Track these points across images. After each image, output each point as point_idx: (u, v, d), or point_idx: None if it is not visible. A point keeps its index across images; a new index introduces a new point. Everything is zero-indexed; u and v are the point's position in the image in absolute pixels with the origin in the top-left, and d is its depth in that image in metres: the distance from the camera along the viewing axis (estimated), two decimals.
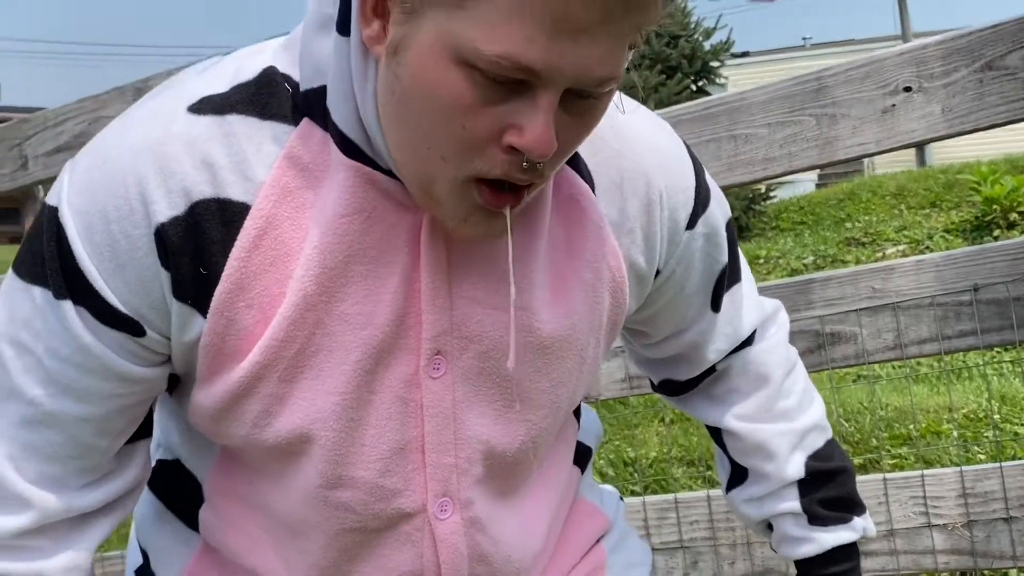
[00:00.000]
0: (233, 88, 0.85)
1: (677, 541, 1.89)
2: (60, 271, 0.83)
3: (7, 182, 2.41)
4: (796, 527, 1.11)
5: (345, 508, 0.90)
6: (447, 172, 0.78)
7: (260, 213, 0.83)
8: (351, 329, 0.85)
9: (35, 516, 0.87)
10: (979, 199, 7.90)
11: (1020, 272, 1.66)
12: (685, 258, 1.01)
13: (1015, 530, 1.68)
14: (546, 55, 0.71)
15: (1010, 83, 1.64)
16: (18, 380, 0.86)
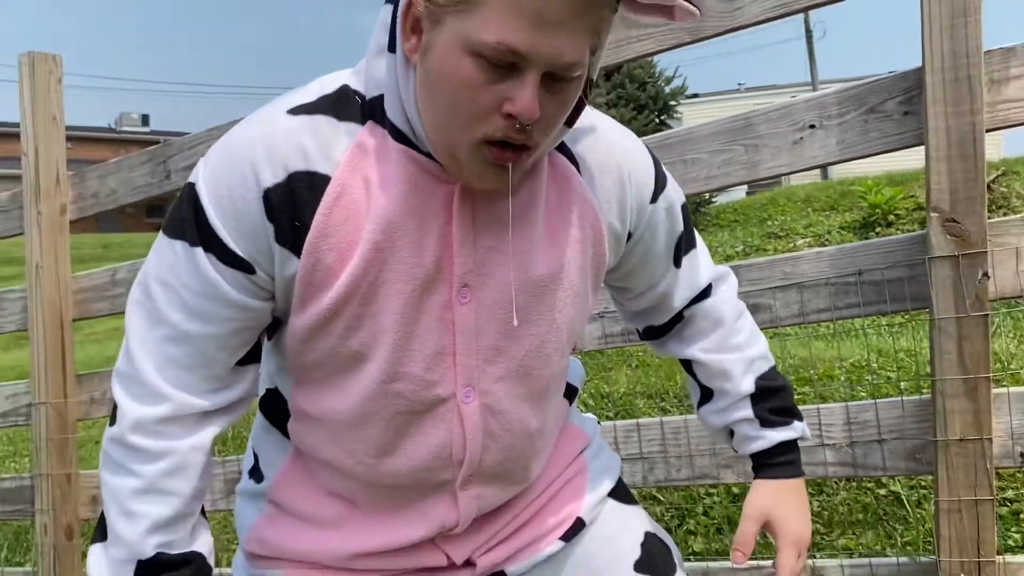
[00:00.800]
0: (319, 98, 0.87)
1: (638, 454, 1.88)
2: (195, 227, 0.85)
3: (156, 189, 2.42)
4: (751, 429, 1.08)
5: (399, 396, 0.91)
6: (464, 137, 0.80)
7: (338, 182, 0.85)
8: (406, 268, 0.86)
9: (171, 408, 0.88)
10: (866, 204, 7.84)
11: (892, 261, 1.67)
12: (651, 226, 1.01)
13: (885, 449, 1.68)
14: (530, 41, 0.75)
15: (887, 122, 1.66)
16: (163, 309, 0.87)
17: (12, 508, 2.65)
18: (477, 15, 0.75)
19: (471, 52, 0.76)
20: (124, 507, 0.89)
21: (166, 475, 0.89)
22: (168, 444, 0.89)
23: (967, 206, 1.55)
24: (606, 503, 1.10)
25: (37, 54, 2.51)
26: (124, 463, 0.89)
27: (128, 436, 0.89)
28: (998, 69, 1.57)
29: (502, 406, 0.94)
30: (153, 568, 0.89)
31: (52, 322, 2.50)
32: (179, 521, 0.90)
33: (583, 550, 1.06)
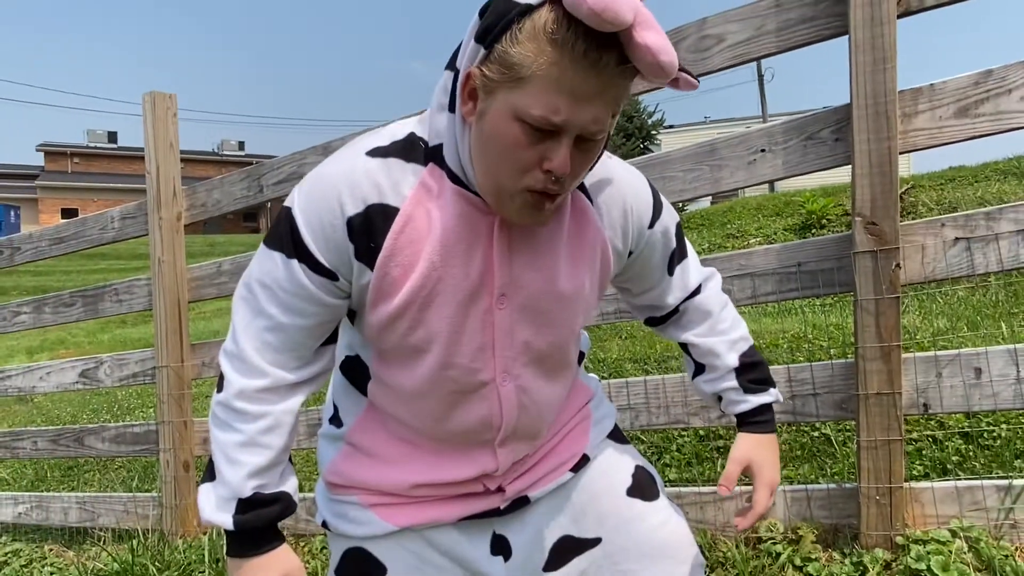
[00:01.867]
0: (391, 143, 0.87)
1: (626, 405, 1.89)
2: (292, 244, 0.86)
3: (251, 200, 2.45)
4: (736, 395, 1.08)
5: (451, 379, 0.92)
6: (510, 185, 0.80)
7: (404, 213, 0.85)
8: (456, 282, 0.87)
9: (268, 381, 0.90)
10: (804, 211, 7.80)
11: (824, 256, 1.67)
12: (648, 245, 1.00)
13: (818, 401, 1.69)
14: (566, 115, 0.75)
15: (822, 147, 1.66)
16: (263, 304, 0.89)
17: (141, 447, 2.69)
18: (524, 91, 0.75)
19: (518, 119, 0.76)
20: (229, 456, 0.90)
21: (263, 432, 0.90)
22: (265, 408, 0.90)
23: (884, 212, 1.55)
24: (606, 443, 1.10)
25: (157, 94, 2.53)
26: (230, 422, 0.91)
27: (234, 401, 0.90)
28: (908, 105, 1.57)
29: (530, 385, 0.96)
30: (250, 504, 0.91)
31: (171, 303, 2.54)
32: (272, 468, 0.92)
33: (587, 479, 1.07)
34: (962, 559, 1.50)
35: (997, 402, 1.55)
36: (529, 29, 0.74)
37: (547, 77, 0.74)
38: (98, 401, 5.27)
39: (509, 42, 0.74)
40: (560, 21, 0.72)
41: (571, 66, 0.73)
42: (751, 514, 1.03)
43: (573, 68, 0.73)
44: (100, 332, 10.11)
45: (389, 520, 0.99)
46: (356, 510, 1.01)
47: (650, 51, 0.72)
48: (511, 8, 0.75)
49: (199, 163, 33.54)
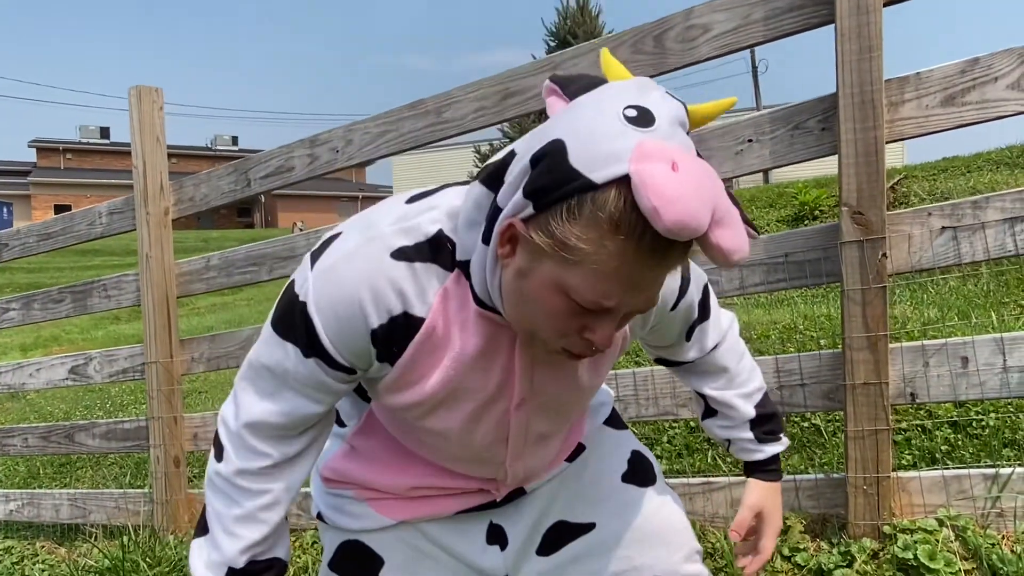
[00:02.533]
0: (417, 244, 0.80)
1: (616, 397, 1.88)
2: (308, 342, 0.82)
3: (239, 194, 2.43)
4: (751, 445, 1.07)
5: (459, 457, 0.93)
6: (544, 342, 0.76)
7: (429, 323, 0.81)
8: (472, 392, 0.85)
9: (271, 461, 0.88)
10: (797, 202, 7.80)
11: (811, 246, 1.67)
12: (668, 320, 0.97)
13: (806, 391, 1.69)
14: (619, 301, 0.70)
15: (809, 136, 1.65)
16: (273, 391, 0.86)
17: (132, 443, 2.68)
18: (576, 271, 0.68)
19: (564, 295, 0.70)
20: (226, 528, 0.89)
21: (263, 509, 0.89)
22: (267, 485, 0.89)
23: (870, 202, 1.55)
24: (602, 429, 1.10)
25: (143, 87, 2.51)
26: (230, 495, 0.89)
27: (234, 479, 0.89)
28: (895, 94, 1.56)
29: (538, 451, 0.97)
30: (242, 573, 0.90)
31: (160, 299, 2.52)
32: (267, 540, 0.91)
33: (584, 465, 1.06)
34: (949, 548, 1.50)
35: (984, 391, 1.55)
36: (590, 213, 0.65)
37: (605, 268, 0.67)
38: (91, 398, 5.25)
39: (566, 218, 0.66)
40: (628, 213, 0.64)
41: (634, 259, 0.67)
42: (758, 560, 1.04)
43: (635, 262, 0.67)
44: (94, 329, 10.08)
45: (386, 514, 0.99)
46: (352, 504, 1.00)
47: (723, 252, 0.66)
48: (571, 179, 0.66)
49: (193, 159, 33.40)
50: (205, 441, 2.54)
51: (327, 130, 2.22)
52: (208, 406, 4.17)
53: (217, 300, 11.69)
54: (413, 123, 2.06)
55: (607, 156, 0.65)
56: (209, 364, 2.51)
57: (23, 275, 15.96)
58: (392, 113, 2.10)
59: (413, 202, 0.84)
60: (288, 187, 2.51)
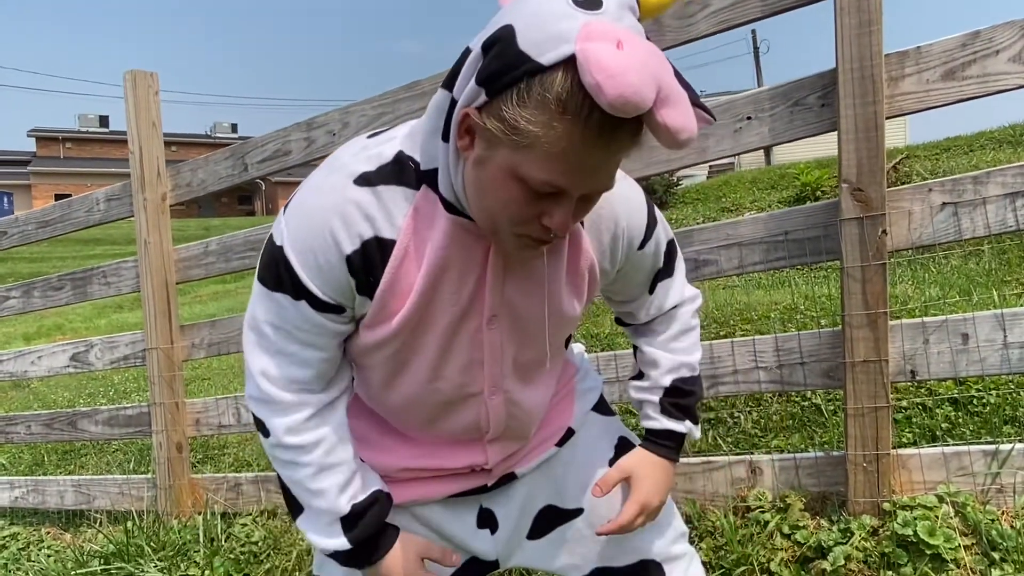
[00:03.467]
0: (379, 167, 0.81)
1: (615, 378, 1.89)
2: (292, 285, 0.83)
3: (236, 179, 2.42)
4: (652, 411, 1.05)
5: (438, 391, 0.91)
6: (505, 230, 0.77)
7: (401, 245, 0.82)
8: (446, 305, 0.85)
9: (308, 410, 0.89)
10: (799, 183, 7.78)
11: (811, 224, 1.65)
12: (635, 262, 0.97)
13: (805, 369, 1.69)
14: (571, 181, 0.71)
15: (808, 113, 1.63)
16: (280, 344, 0.87)
17: (135, 429, 2.69)
18: (528, 154, 0.69)
19: (519, 179, 0.72)
20: (310, 488, 0.90)
21: (327, 454, 0.90)
22: (318, 433, 0.90)
23: (870, 178, 1.54)
24: (590, 415, 1.10)
25: (139, 72, 2.50)
26: (292, 459, 0.90)
27: (286, 439, 0.89)
28: (895, 69, 1.54)
29: (519, 396, 0.95)
30: (353, 517, 0.91)
31: (159, 285, 2.52)
32: (352, 478, 0.92)
33: (572, 451, 1.07)
34: (949, 524, 1.50)
35: (984, 367, 1.54)
36: (539, 95, 0.67)
37: (554, 148, 0.68)
38: (94, 386, 5.27)
39: (516, 102, 0.68)
40: (574, 93, 0.66)
41: (582, 141, 0.68)
42: (611, 524, 0.99)
43: (584, 143, 0.68)
44: (97, 317, 10.10)
45: None
46: None
47: (670, 131, 0.67)
48: (520, 62, 0.67)
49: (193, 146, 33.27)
50: (207, 426, 2.54)
51: (323, 113, 2.20)
52: (210, 393, 4.18)
53: (219, 288, 11.70)
54: (410, 104, 2.04)
55: (554, 38, 0.66)
56: (210, 350, 2.51)
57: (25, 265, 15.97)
58: (388, 95, 2.08)
59: (373, 137, 0.86)
60: (286, 171, 2.50)
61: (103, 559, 2.30)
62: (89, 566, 2.29)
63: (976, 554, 1.47)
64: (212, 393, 4.14)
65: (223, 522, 2.36)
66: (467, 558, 1.04)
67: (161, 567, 2.20)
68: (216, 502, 2.49)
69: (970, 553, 1.47)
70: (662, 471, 1.04)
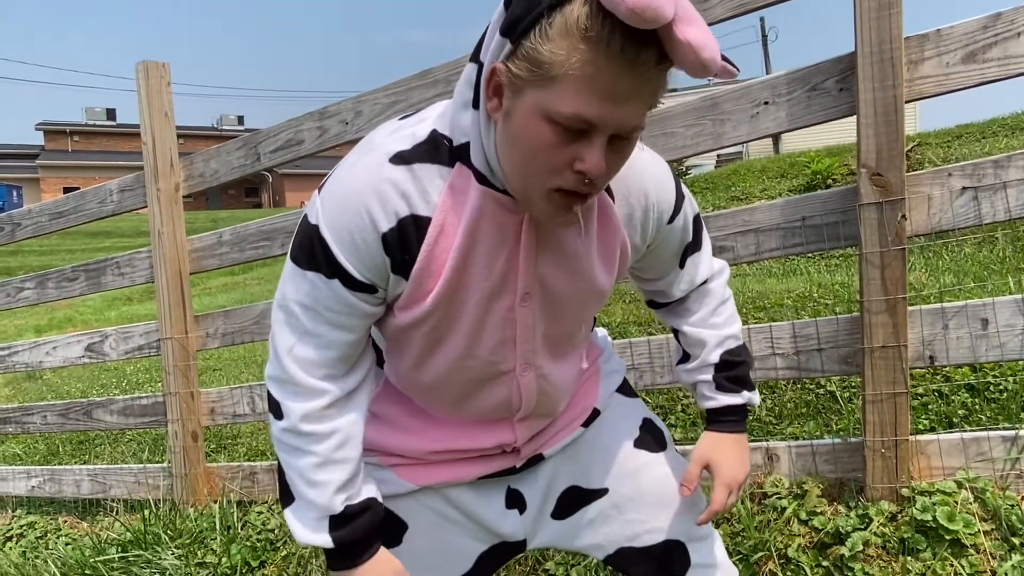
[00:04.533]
0: (414, 146, 0.82)
1: (631, 365, 1.90)
2: (327, 263, 0.83)
3: (249, 168, 2.42)
4: (708, 390, 1.06)
5: (471, 369, 0.91)
6: (539, 185, 0.76)
7: (437, 222, 0.82)
8: (478, 281, 0.85)
9: (329, 398, 0.89)
10: (809, 171, 7.72)
11: (829, 209, 1.65)
12: (665, 238, 0.98)
13: (823, 356, 1.68)
14: (599, 113, 0.70)
15: (826, 98, 1.62)
16: (308, 325, 0.87)
17: (150, 419, 2.71)
18: (554, 89, 0.70)
19: (548, 119, 0.72)
20: (309, 479, 0.90)
21: (337, 448, 0.90)
22: (333, 424, 0.90)
23: (889, 162, 1.53)
24: (615, 397, 1.11)
25: (150, 63, 2.50)
26: (300, 446, 0.90)
27: (300, 425, 0.89)
28: (915, 52, 1.53)
29: (549, 371, 0.96)
30: (343, 519, 0.91)
31: (173, 275, 2.53)
32: (354, 479, 0.92)
33: (596, 432, 1.07)
34: (968, 509, 1.50)
35: (1004, 352, 1.53)
36: (560, 24, 0.68)
37: (580, 76, 0.69)
38: (107, 377, 5.30)
39: (538, 38, 0.69)
40: (595, 16, 0.67)
41: (606, 65, 0.68)
42: (707, 511, 1.02)
43: (608, 67, 0.68)
44: (107, 309, 10.15)
45: (409, 480, 1.00)
46: (376, 470, 1.01)
47: (692, 48, 0.67)
48: (539, 1, 0.69)
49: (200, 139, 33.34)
50: (222, 415, 2.56)
51: (336, 102, 2.20)
52: (223, 383, 4.21)
53: (228, 280, 11.73)
54: (423, 92, 2.04)
55: None
56: (224, 339, 2.52)
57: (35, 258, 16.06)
58: (401, 83, 2.08)
59: (405, 119, 0.87)
60: (296, 163, 2.50)
61: (120, 547, 2.32)
62: (107, 553, 2.31)
63: (996, 539, 1.46)
64: (223, 383, 4.16)
65: (239, 510, 2.38)
66: (497, 542, 1.04)
67: (178, 554, 2.22)
68: (232, 490, 2.51)
69: (989, 538, 1.46)
70: (735, 446, 1.05)
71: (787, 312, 2.67)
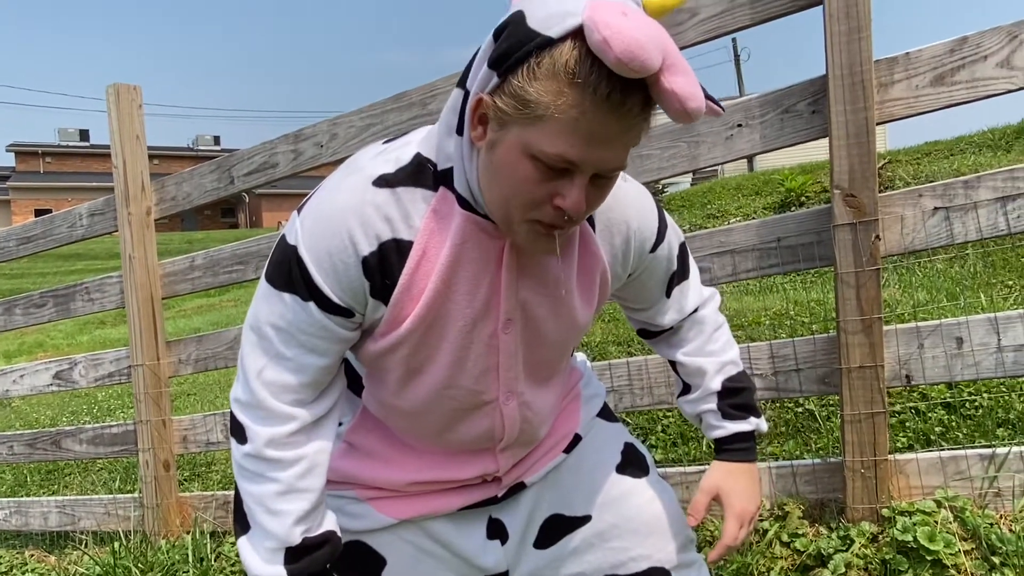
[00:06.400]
0: (398, 170, 0.82)
1: (609, 387, 1.88)
2: (304, 285, 0.82)
3: (222, 192, 2.39)
4: (714, 419, 1.04)
5: (452, 399, 0.90)
6: (519, 217, 0.76)
7: (419, 246, 0.81)
8: (460, 308, 0.84)
9: (296, 424, 0.87)
10: (783, 189, 7.83)
11: (804, 230, 1.65)
12: (648, 268, 0.98)
13: (801, 376, 1.68)
14: (583, 155, 0.71)
15: (799, 120, 1.64)
16: (280, 348, 0.85)
17: (121, 448, 2.64)
18: (539, 129, 0.70)
19: (531, 156, 0.72)
20: (269, 507, 0.87)
21: (301, 476, 0.87)
22: (299, 452, 0.87)
23: (862, 183, 1.54)
24: (596, 421, 1.09)
25: (121, 85, 2.46)
26: (263, 472, 0.87)
27: (265, 451, 0.86)
28: (884, 75, 1.55)
29: (531, 399, 0.94)
30: (300, 552, 0.88)
31: (144, 300, 2.48)
32: (315, 511, 0.89)
33: (578, 458, 1.06)
34: (948, 529, 1.50)
35: (979, 371, 1.54)
36: (548, 66, 0.68)
37: (565, 119, 0.69)
38: (78, 403, 5.19)
39: (526, 77, 0.69)
40: (583, 61, 0.67)
41: (592, 109, 0.69)
42: (719, 545, 0.99)
43: (594, 112, 0.69)
44: (79, 333, 9.96)
45: (387, 513, 0.98)
46: (353, 504, 0.99)
47: (677, 98, 0.68)
48: (530, 38, 0.69)
49: (175, 159, 33.05)
50: (195, 444, 2.50)
51: (311, 124, 2.18)
52: (197, 408, 4.13)
53: (203, 302, 11.58)
54: (398, 115, 2.03)
55: (563, 13, 0.68)
56: (197, 365, 2.47)
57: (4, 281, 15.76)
58: (376, 106, 2.07)
59: (390, 142, 0.87)
60: (272, 184, 2.47)
61: None
62: None
63: (976, 559, 1.46)
64: (197, 408, 4.08)
65: (212, 541, 2.32)
66: None
67: None
68: (205, 520, 2.45)
69: (970, 558, 1.46)
70: (746, 476, 1.03)
71: (764, 331, 2.68)
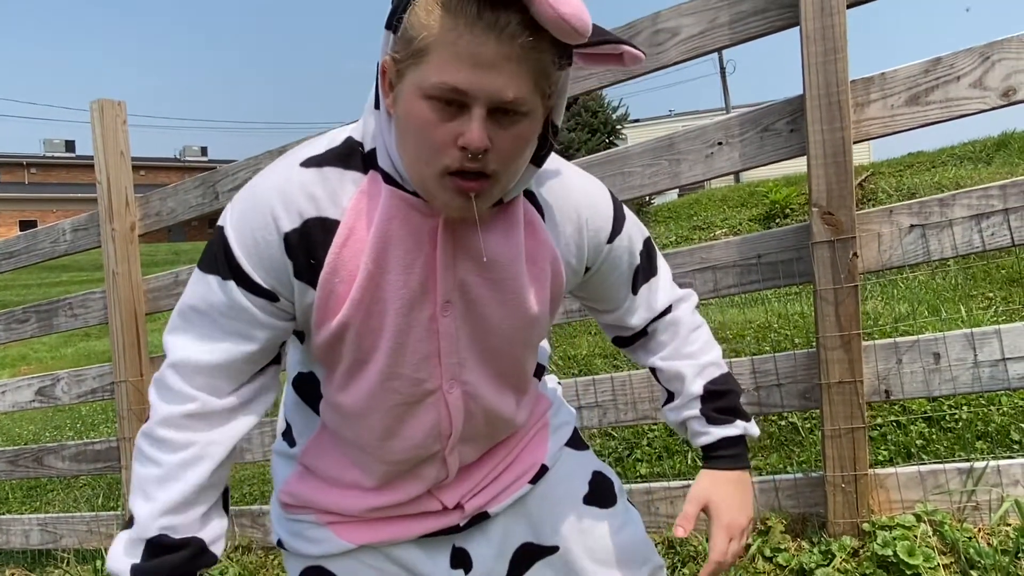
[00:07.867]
0: (327, 150, 0.81)
1: (595, 402, 1.89)
2: (226, 264, 0.80)
3: (206, 207, 2.39)
4: (698, 425, 0.99)
5: (395, 391, 0.87)
6: (429, 170, 0.74)
7: (346, 225, 0.80)
8: (395, 288, 0.81)
9: (196, 406, 0.83)
10: (768, 201, 7.90)
11: (783, 247, 1.67)
12: (608, 261, 0.94)
13: (782, 391, 1.70)
14: (467, 80, 0.69)
15: (778, 139, 1.66)
16: (199, 330, 0.83)
17: (104, 464, 2.62)
18: (426, 64, 0.70)
19: (424, 95, 0.71)
20: (145, 492, 0.83)
21: (182, 465, 0.83)
22: (190, 436, 0.83)
23: (840, 202, 1.56)
24: (564, 451, 1.07)
25: (105, 101, 2.46)
26: (151, 454, 0.83)
27: (157, 429, 0.83)
28: (861, 95, 1.57)
29: (478, 392, 0.91)
30: (156, 548, 0.82)
31: (128, 316, 2.47)
32: (186, 507, 0.83)
33: (545, 489, 1.04)
34: (927, 543, 1.51)
35: (956, 386, 1.56)
36: (423, 1, 0.70)
37: (443, 44, 0.69)
38: (61, 418, 5.13)
39: (408, 17, 0.71)
40: None
41: (467, 30, 0.68)
42: (708, 562, 0.94)
43: (469, 32, 0.68)
44: (63, 346, 9.87)
45: (347, 538, 0.96)
46: (313, 529, 0.97)
47: (550, 4, 0.66)
48: None
49: (162, 170, 32.94)
50: None
51: (296, 140, 2.19)
52: None
53: None
54: None
55: None
56: None
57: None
58: None
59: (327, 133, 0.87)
60: None
61: None
62: None
63: (955, 572, 1.48)
64: None
65: None
66: None
67: None
68: None
69: (949, 572, 1.48)
70: (737, 485, 0.98)
71: (748, 345, 2.70)
